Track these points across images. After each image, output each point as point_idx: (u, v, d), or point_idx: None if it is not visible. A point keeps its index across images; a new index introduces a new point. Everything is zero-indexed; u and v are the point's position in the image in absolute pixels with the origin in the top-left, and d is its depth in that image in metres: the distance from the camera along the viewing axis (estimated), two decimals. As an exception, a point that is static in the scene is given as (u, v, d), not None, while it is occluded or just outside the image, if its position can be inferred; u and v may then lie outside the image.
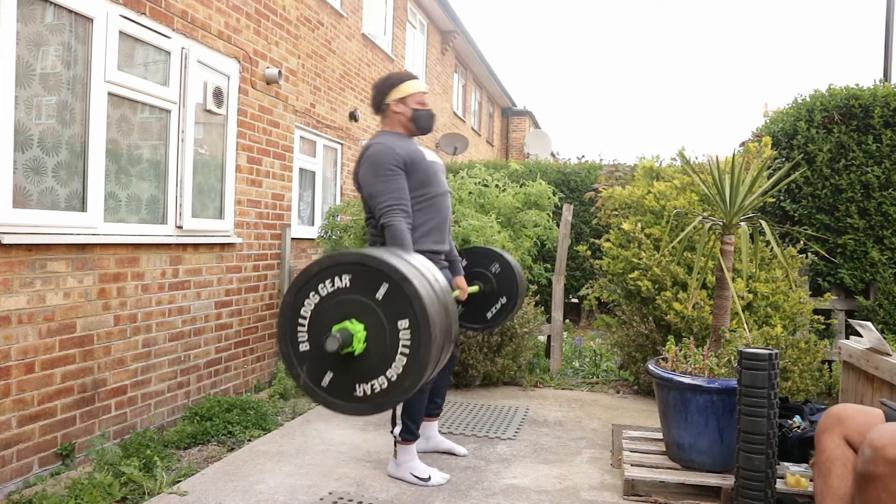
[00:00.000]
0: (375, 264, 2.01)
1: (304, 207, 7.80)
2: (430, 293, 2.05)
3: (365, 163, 2.95)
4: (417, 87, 3.13)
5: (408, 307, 1.98)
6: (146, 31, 3.44)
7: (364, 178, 2.95)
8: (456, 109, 14.84)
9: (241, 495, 2.79)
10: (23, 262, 2.76)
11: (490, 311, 3.79)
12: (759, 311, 4.15)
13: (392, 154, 2.91)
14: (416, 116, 3.09)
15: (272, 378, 4.72)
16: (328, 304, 2.05)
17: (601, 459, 3.36)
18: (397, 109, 3.09)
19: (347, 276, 2.03)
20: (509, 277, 3.78)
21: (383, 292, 2.00)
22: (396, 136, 3.04)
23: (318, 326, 2.06)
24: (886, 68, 6.60)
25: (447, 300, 2.20)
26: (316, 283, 2.06)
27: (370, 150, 2.95)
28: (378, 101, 3.14)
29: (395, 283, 1.99)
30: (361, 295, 2.02)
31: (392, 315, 2.00)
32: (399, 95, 3.08)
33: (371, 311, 2.02)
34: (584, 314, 8.44)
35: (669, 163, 5.31)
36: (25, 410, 2.79)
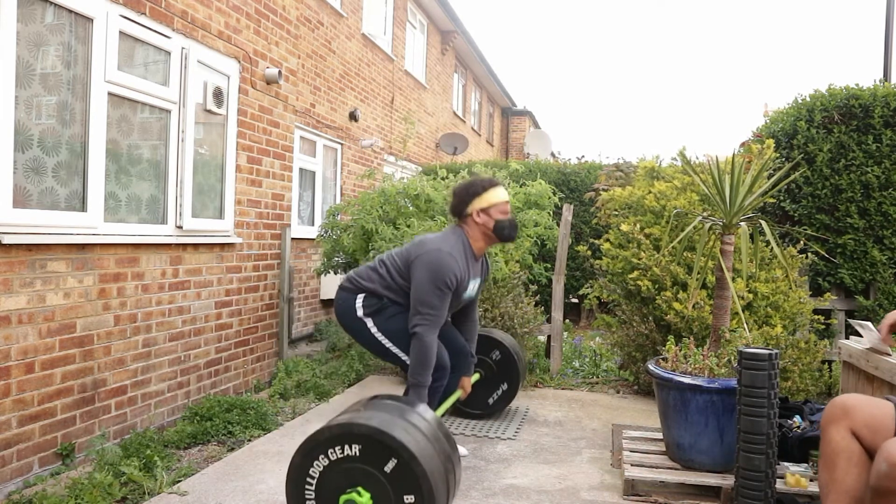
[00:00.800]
0: (386, 440, 2.07)
1: (304, 207, 7.80)
2: (438, 468, 2.12)
3: (428, 264, 3.01)
4: (502, 196, 3.17)
5: (415, 485, 2.06)
6: (146, 31, 3.44)
7: (420, 277, 3.02)
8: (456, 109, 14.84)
9: (241, 495, 2.79)
10: (23, 262, 2.76)
11: (492, 398, 3.99)
12: (759, 311, 4.15)
13: (453, 273, 3.00)
14: (498, 227, 3.14)
15: (272, 378, 4.72)
16: (337, 468, 2.13)
17: (601, 459, 3.36)
18: (479, 221, 3.13)
19: (357, 447, 2.11)
20: (509, 363, 3.95)
21: (392, 466, 2.08)
22: (464, 249, 3.12)
23: (326, 490, 2.14)
24: (886, 68, 6.61)
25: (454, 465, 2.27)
26: (325, 447, 2.14)
27: (440, 254, 3.01)
28: (460, 210, 3.17)
29: (405, 461, 2.06)
30: (370, 466, 2.10)
31: (399, 489, 2.08)
32: (482, 205, 3.12)
33: (379, 483, 2.10)
34: (584, 314, 8.44)
35: (670, 163, 5.31)
36: (25, 410, 2.79)
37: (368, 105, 9.42)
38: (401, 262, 3.15)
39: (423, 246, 3.10)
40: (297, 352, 6.07)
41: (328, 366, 5.19)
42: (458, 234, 3.16)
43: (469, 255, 3.15)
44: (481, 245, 3.21)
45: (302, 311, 7.24)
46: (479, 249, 3.22)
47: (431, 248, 3.05)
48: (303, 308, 7.27)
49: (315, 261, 7.57)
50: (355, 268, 5.24)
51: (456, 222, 3.25)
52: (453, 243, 3.08)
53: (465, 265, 3.10)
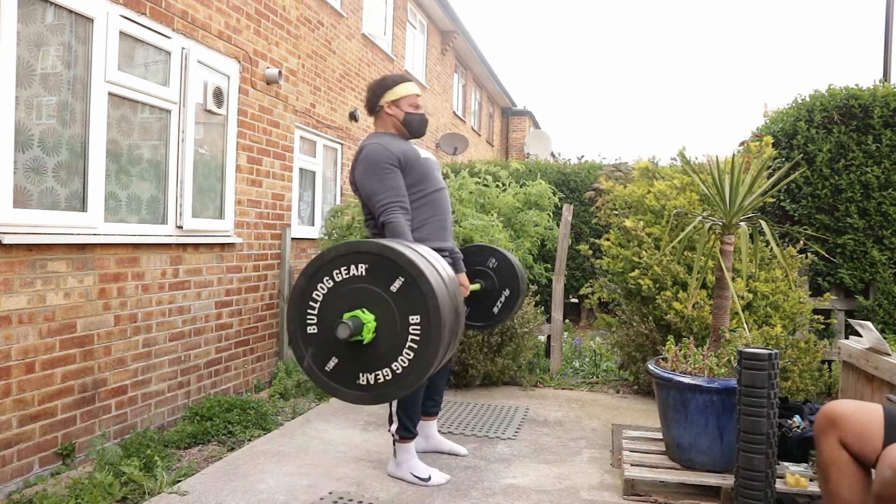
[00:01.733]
0: (393, 256, 2.02)
1: (304, 207, 7.80)
2: (443, 292, 2.06)
3: (361, 163, 2.97)
4: (411, 89, 3.15)
5: (422, 304, 2.00)
6: (146, 31, 3.44)
7: (361, 178, 2.96)
8: (456, 109, 14.84)
9: (241, 495, 2.79)
10: (23, 262, 2.76)
11: (496, 306, 3.79)
12: (758, 310, 4.15)
13: (387, 153, 2.92)
14: (408, 120, 3.11)
15: (272, 378, 4.72)
16: (341, 290, 2.06)
17: (601, 459, 3.36)
18: (390, 112, 3.11)
19: (364, 266, 2.05)
20: (508, 269, 3.77)
21: (398, 286, 2.02)
22: (390, 136, 3.06)
23: (328, 311, 2.07)
24: (886, 68, 6.61)
25: (458, 300, 2.21)
26: (331, 268, 2.07)
27: (365, 151, 2.98)
28: (372, 103, 3.16)
29: (412, 279, 2.00)
30: (376, 286, 2.04)
31: (405, 309, 2.01)
32: (392, 98, 3.10)
33: (384, 303, 2.03)
34: (584, 314, 8.44)
35: (670, 163, 5.31)
36: (26, 410, 2.79)
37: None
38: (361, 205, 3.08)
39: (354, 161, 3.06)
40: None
41: (328, 366, 5.19)
42: (374, 133, 3.12)
43: (399, 139, 3.07)
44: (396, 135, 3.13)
45: (302, 311, 7.23)
46: None
47: (358, 154, 3.00)
48: (303, 308, 7.25)
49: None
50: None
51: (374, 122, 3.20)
52: (372, 139, 3.03)
53: (400, 144, 3.02)
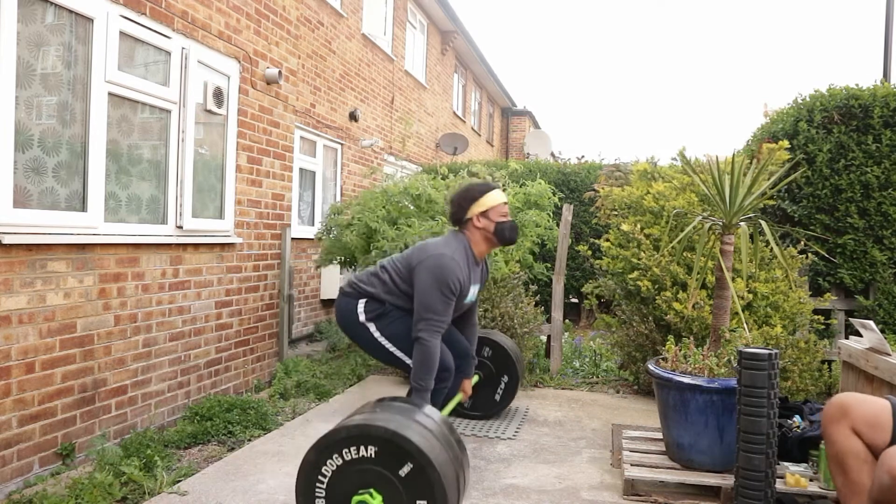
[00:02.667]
0: (403, 444, 2.07)
1: (304, 207, 7.80)
2: (450, 474, 2.12)
3: (433, 269, 3.01)
4: (499, 198, 3.19)
5: (429, 490, 2.06)
6: (146, 31, 3.44)
7: (424, 281, 3.01)
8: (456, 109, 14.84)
9: (241, 495, 2.79)
10: (23, 262, 2.76)
11: (497, 394, 3.98)
12: (758, 311, 4.15)
13: (457, 278, 3.01)
14: (499, 230, 3.15)
15: (272, 378, 4.72)
16: (351, 469, 2.13)
17: (601, 459, 3.36)
18: (479, 225, 3.15)
19: (373, 448, 2.11)
20: (503, 356, 3.98)
21: (407, 471, 2.08)
22: (466, 255, 3.13)
23: (337, 488, 2.14)
24: (886, 68, 6.61)
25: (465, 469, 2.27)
26: (341, 447, 2.13)
27: (444, 260, 3.02)
28: (459, 217, 3.19)
29: (421, 466, 2.06)
30: (385, 469, 2.10)
31: (413, 493, 2.08)
32: (481, 209, 3.14)
33: (392, 486, 2.09)
34: (584, 314, 8.44)
35: (670, 163, 5.31)
36: (26, 410, 2.79)
37: (368, 105, 9.43)
38: (402, 267, 3.16)
39: (425, 251, 3.10)
40: (297, 352, 6.07)
41: (328, 366, 5.19)
42: (460, 238, 3.17)
43: (471, 259, 3.16)
44: (483, 249, 3.23)
45: (302, 311, 7.24)
46: (480, 253, 3.23)
47: (434, 254, 3.05)
48: (303, 308, 7.27)
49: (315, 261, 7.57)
50: (354, 267, 5.25)
51: (456, 229, 3.25)
52: (455, 248, 3.09)
53: (467, 270, 3.11)
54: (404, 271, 3.14)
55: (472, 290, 3.24)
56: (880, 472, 1.82)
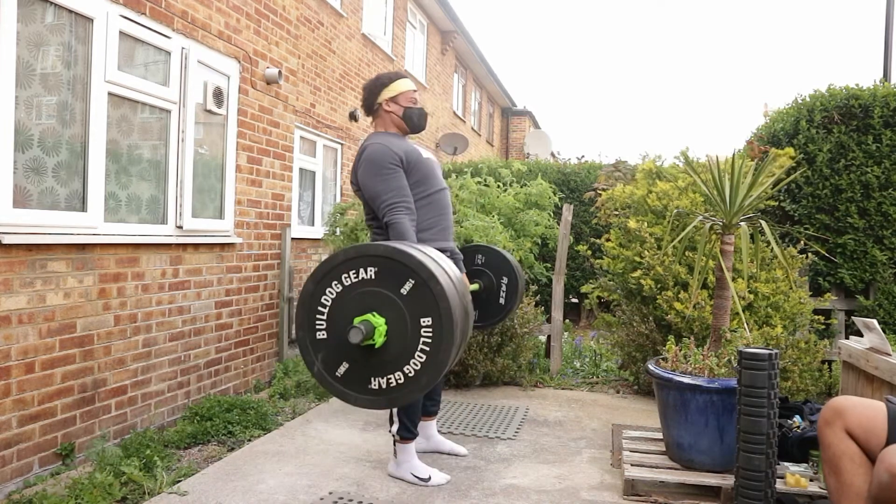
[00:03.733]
0: (403, 259, 2.00)
1: (304, 207, 7.80)
2: (453, 293, 2.04)
3: (363, 164, 2.95)
4: (407, 85, 3.14)
5: (433, 306, 1.98)
6: (146, 31, 3.44)
7: (364, 178, 2.94)
8: (456, 109, 14.84)
9: (241, 495, 2.79)
10: (23, 262, 2.76)
11: (501, 298, 3.82)
12: (759, 311, 4.15)
13: (389, 152, 2.91)
14: (407, 115, 3.10)
15: (272, 378, 4.72)
16: (350, 294, 2.05)
17: (601, 459, 3.36)
18: (389, 109, 3.10)
19: (373, 269, 2.03)
20: (497, 259, 3.80)
21: (409, 288, 2.00)
22: (391, 136, 3.05)
23: (338, 316, 2.06)
24: (886, 68, 6.61)
25: (467, 300, 2.20)
26: (340, 272, 2.05)
27: (367, 151, 2.96)
28: (369, 103, 3.15)
29: (423, 281, 1.99)
30: (386, 289, 2.02)
31: (416, 312, 2.00)
32: (389, 95, 3.10)
33: (394, 306, 2.01)
34: (584, 314, 8.44)
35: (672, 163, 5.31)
36: (26, 410, 2.79)
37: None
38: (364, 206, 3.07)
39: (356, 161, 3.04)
40: (297, 352, 6.07)
41: (328, 366, 5.18)
42: (374, 133, 3.11)
43: (399, 138, 3.07)
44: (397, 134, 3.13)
45: (302, 311, 7.22)
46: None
47: (360, 154, 2.98)
48: (303, 308, 7.25)
49: (315, 261, 7.57)
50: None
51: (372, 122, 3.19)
52: (374, 139, 3.01)
53: (401, 143, 3.01)
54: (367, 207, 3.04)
55: (434, 168, 3.10)
56: (879, 470, 1.82)
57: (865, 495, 1.94)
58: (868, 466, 1.97)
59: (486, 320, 3.83)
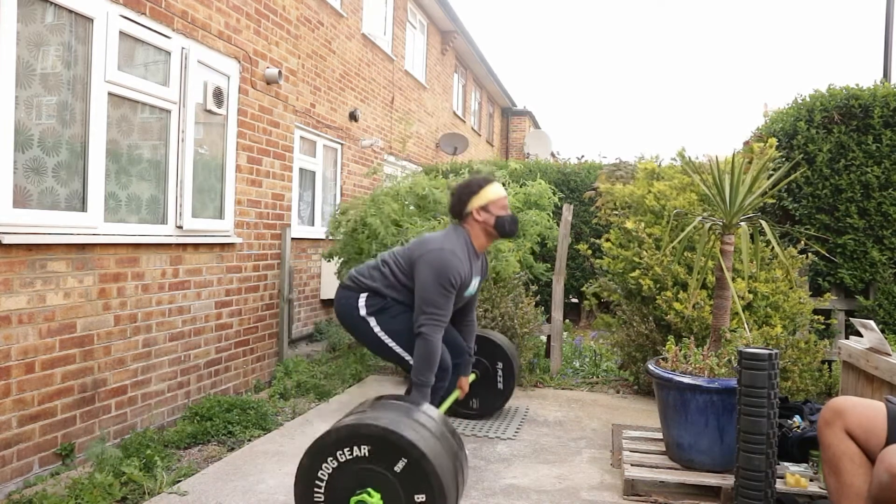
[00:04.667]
0: (395, 440, 2.07)
1: (304, 207, 7.80)
2: (447, 466, 2.11)
3: (433, 262, 3.01)
4: (499, 192, 3.19)
5: (426, 483, 2.06)
6: (146, 31, 3.44)
7: (424, 276, 3.01)
8: (456, 109, 14.83)
9: (241, 495, 2.79)
10: (23, 262, 2.76)
11: (499, 382, 3.97)
12: (759, 311, 4.15)
13: (458, 272, 3.00)
14: (499, 223, 3.16)
15: (272, 378, 4.72)
16: (346, 470, 2.12)
17: (601, 459, 3.36)
18: (480, 218, 3.15)
19: (366, 448, 2.11)
20: (490, 346, 4.01)
21: (402, 466, 2.08)
22: (467, 248, 3.12)
23: (335, 491, 2.13)
24: (886, 68, 6.61)
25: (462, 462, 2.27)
26: (334, 449, 2.13)
27: (444, 254, 3.01)
28: (458, 209, 3.19)
29: (415, 460, 2.06)
30: (380, 467, 2.10)
31: (410, 489, 2.08)
32: (481, 203, 3.14)
33: (389, 483, 2.09)
34: (584, 314, 8.44)
35: (670, 163, 5.31)
36: (26, 410, 2.79)
37: (368, 105, 9.42)
38: (403, 261, 3.15)
39: (426, 245, 3.09)
40: (297, 352, 6.07)
41: (328, 366, 5.19)
42: (460, 232, 3.17)
43: (471, 253, 3.16)
44: (483, 242, 3.23)
45: (302, 311, 7.24)
46: (480, 247, 3.23)
47: (435, 248, 3.04)
48: (303, 308, 7.27)
49: (315, 261, 7.57)
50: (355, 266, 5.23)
51: (456, 222, 3.25)
52: (455, 242, 3.09)
53: (468, 264, 3.10)
54: (405, 265, 3.14)
55: (473, 283, 3.24)
56: (879, 469, 1.82)
57: (865, 495, 1.94)
58: (868, 466, 1.97)
59: (486, 407, 3.99)
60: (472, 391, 3.74)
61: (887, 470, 1.78)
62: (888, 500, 1.78)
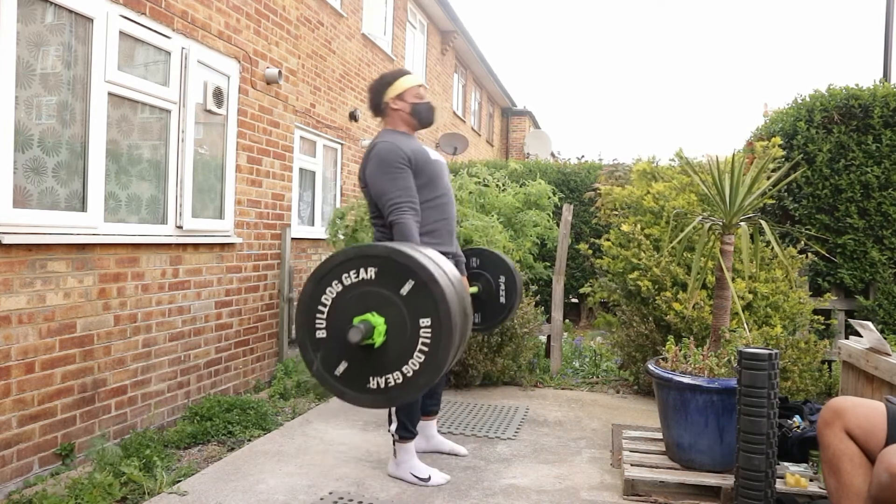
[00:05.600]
0: (403, 260, 2.01)
1: (304, 207, 7.80)
2: (452, 294, 2.05)
3: (372, 161, 2.94)
4: (412, 81, 3.14)
5: (432, 307, 1.99)
6: (146, 31, 3.44)
7: (371, 176, 2.93)
8: (456, 109, 14.84)
9: (241, 495, 2.79)
10: (23, 262, 2.76)
11: (500, 297, 3.84)
12: (759, 311, 4.15)
13: (398, 151, 2.90)
14: (416, 110, 3.09)
15: (272, 378, 4.72)
16: (351, 293, 2.06)
17: (601, 459, 3.36)
18: (396, 106, 3.09)
19: (373, 269, 2.04)
20: (493, 259, 3.83)
21: (408, 289, 2.01)
22: (401, 135, 3.04)
23: (338, 315, 2.07)
24: (886, 68, 6.60)
25: (466, 302, 2.21)
26: (340, 272, 2.07)
27: (376, 149, 2.95)
28: (376, 102, 3.15)
29: (423, 282, 2.00)
30: (385, 289, 2.03)
31: (415, 312, 2.01)
32: (396, 92, 3.09)
33: (394, 306, 2.03)
34: (584, 314, 8.44)
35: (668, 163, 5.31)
36: (25, 410, 2.79)
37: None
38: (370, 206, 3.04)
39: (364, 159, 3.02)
40: (297, 352, 6.07)
41: (328, 366, 5.18)
42: (384, 131, 3.10)
43: (408, 137, 3.06)
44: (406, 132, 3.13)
45: (302, 311, 7.22)
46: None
47: (369, 151, 2.97)
48: (303, 308, 7.25)
49: (315, 261, 7.57)
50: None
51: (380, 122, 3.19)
52: (383, 137, 3.01)
53: (411, 142, 3.00)
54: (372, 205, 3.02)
55: (441, 172, 3.10)
56: (879, 469, 1.82)
57: (865, 495, 1.94)
58: (868, 467, 1.97)
59: (489, 321, 3.85)
60: (474, 306, 3.65)
61: (887, 470, 1.78)
62: (888, 501, 1.78)
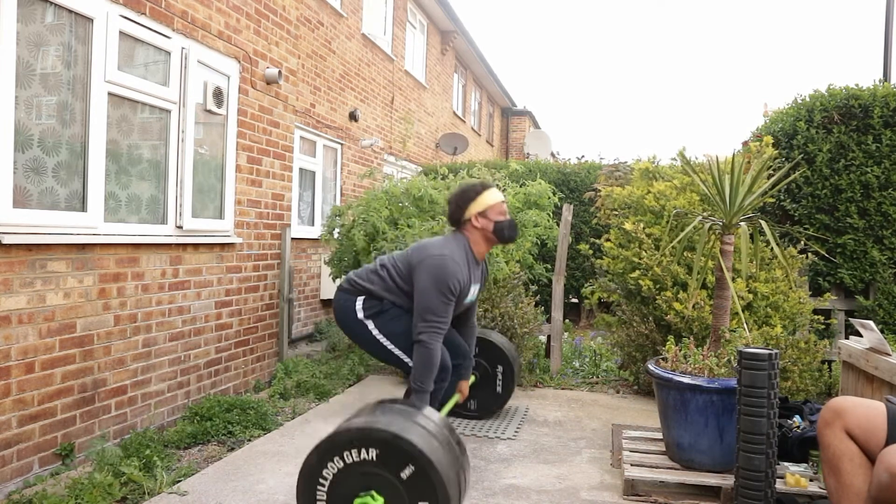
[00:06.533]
0: (405, 446, 2.08)
1: (304, 207, 7.80)
2: (451, 475, 2.11)
3: (432, 269, 2.99)
4: (496, 197, 3.17)
5: (431, 492, 2.06)
6: (146, 31, 3.44)
7: (423, 282, 2.99)
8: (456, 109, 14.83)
9: (241, 495, 2.79)
10: (23, 262, 2.76)
11: (498, 386, 3.98)
12: (759, 311, 4.15)
13: (457, 279, 2.98)
14: (498, 229, 3.14)
15: (272, 378, 4.72)
16: (352, 472, 2.12)
17: (601, 459, 3.36)
18: (478, 225, 3.13)
19: (374, 451, 2.11)
20: (491, 349, 4.01)
21: (409, 473, 2.08)
22: (465, 255, 3.10)
23: (338, 492, 2.13)
24: (886, 68, 6.60)
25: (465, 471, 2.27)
26: (342, 451, 2.13)
27: (442, 260, 2.99)
28: (457, 217, 3.17)
29: (422, 469, 2.06)
30: (386, 471, 2.10)
31: (415, 496, 2.07)
32: (479, 209, 3.12)
33: (394, 489, 2.09)
34: (584, 314, 8.44)
35: (669, 163, 5.31)
36: (25, 410, 2.79)
37: (368, 105, 9.42)
38: (402, 266, 3.15)
39: (425, 251, 3.08)
40: (297, 352, 6.07)
41: (328, 366, 5.18)
42: (460, 239, 3.16)
43: (471, 260, 3.15)
44: (482, 249, 3.22)
45: (302, 311, 7.24)
46: (479, 253, 3.22)
47: (435, 254, 3.03)
48: (303, 308, 7.27)
49: (315, 261, 7.57)
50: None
51: (455, 229, 3.25)
52: (455, 248, 3.08)
53: (467, 270, 3.09)
54: (404, 270, 3.13)
55: (473, 290, 3.24)
56: (879, 470, 1.82)
57: (865, 495, 1.94)
58: (868, 467, 1.97)
59: (484, 409, 4.00)
60: (470, 393, 3.74)
61: (887, 470, 1.78)
62: (888, 500, 1.78)
